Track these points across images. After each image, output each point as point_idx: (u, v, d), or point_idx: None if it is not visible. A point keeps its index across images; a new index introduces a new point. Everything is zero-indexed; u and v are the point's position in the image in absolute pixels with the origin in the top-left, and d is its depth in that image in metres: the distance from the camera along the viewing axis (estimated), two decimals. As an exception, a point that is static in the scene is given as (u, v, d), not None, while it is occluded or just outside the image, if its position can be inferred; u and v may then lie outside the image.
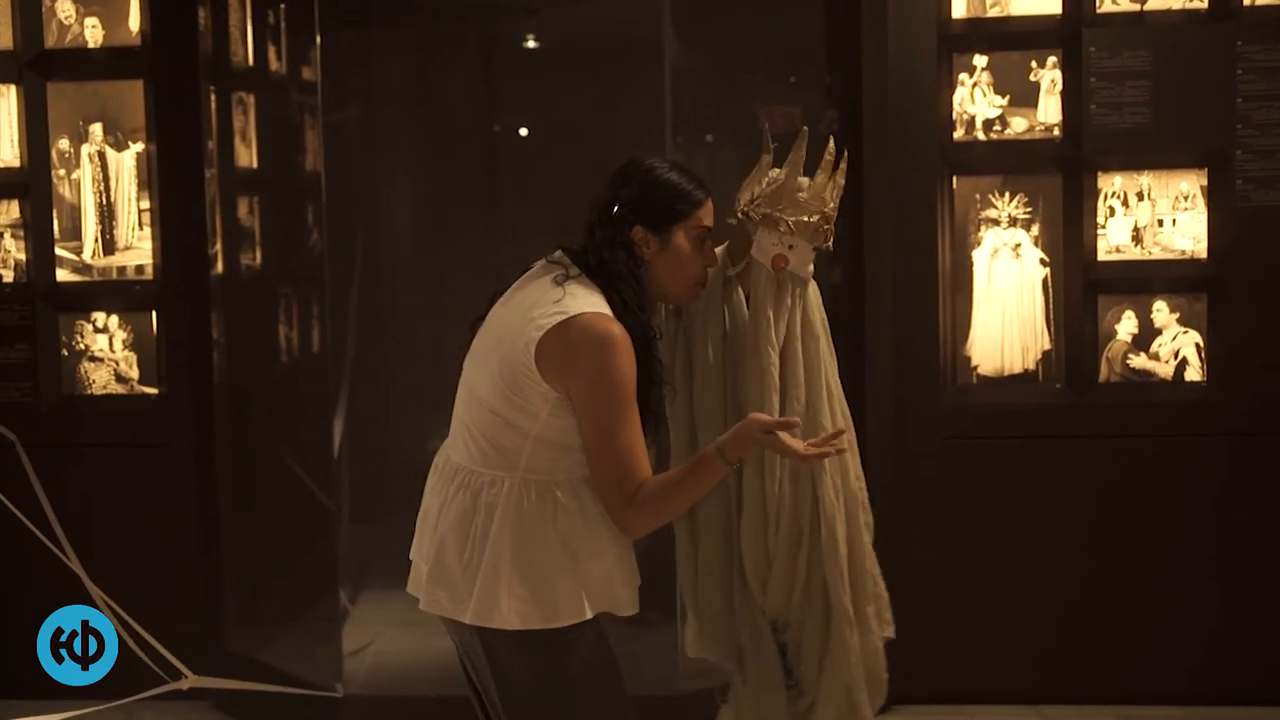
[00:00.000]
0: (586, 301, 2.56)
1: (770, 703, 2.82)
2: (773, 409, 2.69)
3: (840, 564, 2.73)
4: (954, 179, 4.45)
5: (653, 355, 2.66)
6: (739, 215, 2.78)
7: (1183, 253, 4.41)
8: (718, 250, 2.82)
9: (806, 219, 2.70)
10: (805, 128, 2.74)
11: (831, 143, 2.73)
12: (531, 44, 5.39)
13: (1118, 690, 4.45)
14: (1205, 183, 4.38)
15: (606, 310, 2.57)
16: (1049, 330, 4.45)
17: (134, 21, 4.60)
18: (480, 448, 2.62)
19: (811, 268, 2.76)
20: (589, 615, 2.60)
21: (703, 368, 2.80)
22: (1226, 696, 4.42)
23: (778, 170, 2.77)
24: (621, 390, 2.52)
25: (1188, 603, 4.44)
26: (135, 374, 4.65)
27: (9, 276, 4.66)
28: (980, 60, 4.42)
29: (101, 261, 4.64)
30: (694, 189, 2.68)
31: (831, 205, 2.73)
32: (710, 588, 2.86)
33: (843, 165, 2.75)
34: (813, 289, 2.78)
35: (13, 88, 4.64)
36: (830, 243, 2.76)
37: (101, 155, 4.61)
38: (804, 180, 2.72)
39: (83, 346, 4.66)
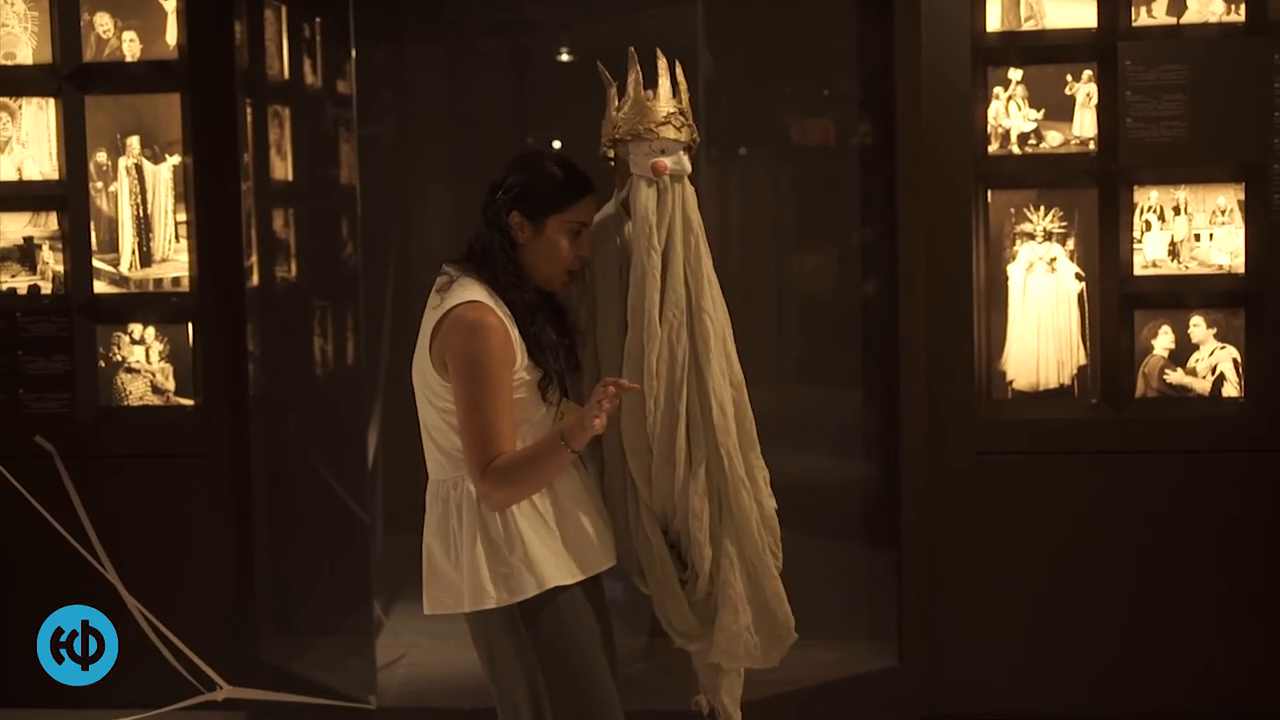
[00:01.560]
0: (460, 295, 2.79)
1: (673, 607, 3.00)
2: (654, 306, 2.85)
3: (731, 437, 2.92)
4: (989, 192, 4.44)
5: (541, 324, 2.85)
6: (609, 148, 2.94)
7: (1220, 267, 4.39)
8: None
9: (664, 119, 2.90)
10: (631, 48, 2.92)
11: (659, 52, 2.94)
12: (565, 57, 5.41)
13: (1173, 704, 4.42)
14: (1242, 197, 4.36)
15: (479, 299, 2.79)
16: (1085, 345, 4.43)
17: (171, 35, 4.64)
18: (435, 458, 2.89)
19: (689, 164, 2.94)
20: (577, 578, 2.83)
21: (603, 296, 2.96)
22: (1259, 713, 4.39)
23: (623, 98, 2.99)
24: (488, 370, 2.74)
25: (1231, 619, 4.40)
26: (171, 385, 4.68)
27: (47, 288, 4.70)
28: (1015, 73, 4.41)
29: (138, 273, 4.67)
30: (574, 185, 2.87)
31: (684, 101, 2.94)
32: (612, 506, 3.02)
33: (679, 71, 2.94)
34: (689, 189, 2.95)
35: (51, 101, 4.68)
36: (696, 136, 2.95)
37: (138, 168, 4.65)
38: (648, 92, 2.94)
39: (120, 358, 4.69)
